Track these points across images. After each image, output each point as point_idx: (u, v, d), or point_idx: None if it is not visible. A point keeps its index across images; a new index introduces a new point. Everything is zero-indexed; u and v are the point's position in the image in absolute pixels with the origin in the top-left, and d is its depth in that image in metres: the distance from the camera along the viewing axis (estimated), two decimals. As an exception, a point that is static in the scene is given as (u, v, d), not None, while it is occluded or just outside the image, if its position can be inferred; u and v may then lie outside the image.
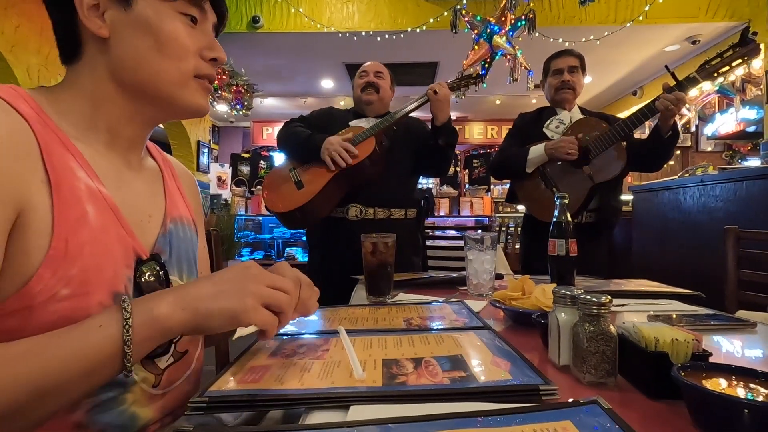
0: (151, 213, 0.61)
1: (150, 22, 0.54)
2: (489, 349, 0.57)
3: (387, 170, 1.64)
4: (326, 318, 0.81)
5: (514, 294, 0.81)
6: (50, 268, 0.45)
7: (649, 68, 5.09)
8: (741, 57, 1.37)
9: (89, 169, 0.52)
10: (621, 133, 1.56)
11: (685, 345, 0.47)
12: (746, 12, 3.75)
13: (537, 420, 0.38)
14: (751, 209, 2.17)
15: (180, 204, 0.68)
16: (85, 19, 0.52)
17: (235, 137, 8.26)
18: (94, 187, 0.52)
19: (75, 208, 0.49)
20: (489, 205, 6.18)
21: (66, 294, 0.46)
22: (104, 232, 0.51)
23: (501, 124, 7.19)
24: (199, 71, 0.58)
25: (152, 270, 0.56)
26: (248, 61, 4.72)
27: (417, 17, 3.99)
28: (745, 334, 0.72)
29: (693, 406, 0.40)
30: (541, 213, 1.74)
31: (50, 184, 0.47)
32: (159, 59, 0.55)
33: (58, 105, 0.54)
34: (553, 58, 1.85)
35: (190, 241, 0.67)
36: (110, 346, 0.43)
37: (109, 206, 0.53)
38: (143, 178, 0.62)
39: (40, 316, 0.45)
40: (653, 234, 2.88)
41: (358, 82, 1.77)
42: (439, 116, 1.60)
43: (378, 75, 1.76)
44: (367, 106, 1.74)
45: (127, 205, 0.56)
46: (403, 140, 1.70)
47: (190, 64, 0.57)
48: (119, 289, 0.51)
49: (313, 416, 0.42)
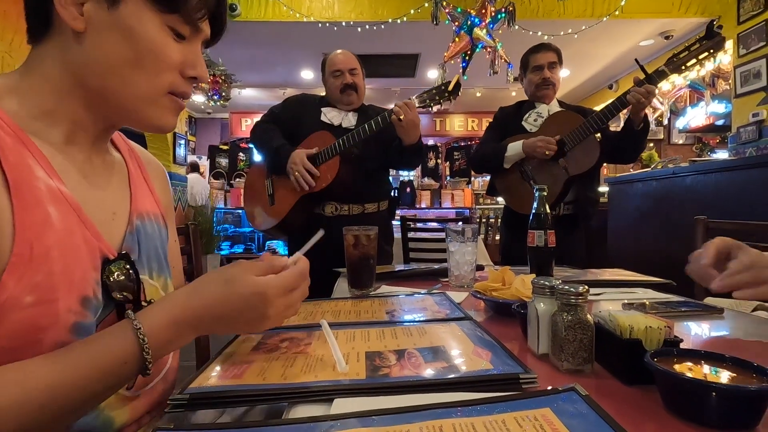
0: (115, 210, 0.57)
1: (133, 31, 0.50)
2: (470, 340, 0.58)
3: (358, 168, 1.62)
4: (309, 311, 0.80)
5: (494, 285, 0.82)
6: (14, 275, 0.43)
7: (625, 62, 5.19)
8: (707, 50, 1.42)
9: (48, 166, 0.49)
10: (594, 126, 1.60)
11: (658, 332, 0.48)
12: (717, 8, 3.86)
13: (517, 408, 0.39)
14: (720, 200, 2.26)
15: (146, 198, 0.64)
16: (60, 7, 0.48)
17: (213, 129, 8.07)
18: (54, 186, 0.48)
19: (37, 210, 0.45)
20: (470, 197, 6.25)
21: (31, 301, 0.43)
22: (69, 234, 0.48)
23: (481, 116, 7.24)
24: (174, 88, 0.54)
25: (121, 269, 0.54)
26: (225, 50, 4.60)
27: (398, 8, 3.96)
28: (714, 320, 0.75)
29: (664, 390, 0.42)
30: (520, 206, 1.77)
31: (8, 185, 0.44)
32: (131, 71, 0.51)
33: (14, 94, 0.50)
34: (531, 52, 1.87)
35: (159, 236, 0.64)
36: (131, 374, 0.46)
37: (72, 206, 0.49)
38: (106, 174, 0.59)
39: (4, 324, 0.42)
40: (628, 224, 2.97)
41: (333, 83, 1.69)
42: (405, 139, 1.52)
43: (353, 73, 1.68)
44: (347, 105, 1.71)
45: (89, 203, 0.52)
46: (373, 137, 1.62)
47: (165, 80, 0.53)
48: (87, 293, 0.48)
49: (296, 410, 0.42)
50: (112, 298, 0.52)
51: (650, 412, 0.41)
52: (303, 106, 1.75)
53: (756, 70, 3.42)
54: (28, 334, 0.44)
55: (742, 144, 3.54)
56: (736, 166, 2.27)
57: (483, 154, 1.88)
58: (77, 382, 0.42)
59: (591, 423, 0.36)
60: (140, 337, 0.45)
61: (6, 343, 0.43)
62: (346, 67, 1.68)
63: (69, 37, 0.50)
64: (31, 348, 0.44)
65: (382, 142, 1.66)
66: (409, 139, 1.52)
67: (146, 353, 0.45)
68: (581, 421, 0.36)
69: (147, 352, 0.45)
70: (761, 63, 3.37)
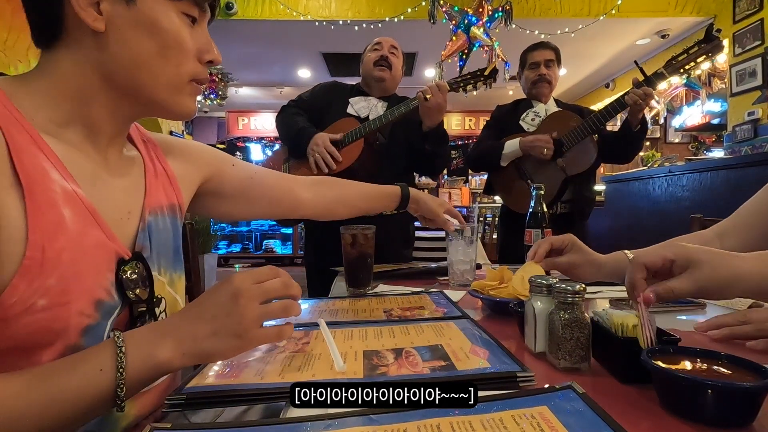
0: (130, 209, 0.57)
1: (156, 23, 0.50)
2: (468, 338, 0.58)
3: (380, 166, 1.55)
4: (306, 310, 0.80)
5: (491, 283, 0.82)
6: (26, 278, 0.42)
7: (622, 61, 5.21)
8: (705, 53, 1.43)
9: (63, 169, 0.48)
10: (593, 126, 1.61)
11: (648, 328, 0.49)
12: (712, 8, 3.88)
13: (515, 406, 0.39)
14: (716, 198, 2.27)
15: (161, 192, 0.63)
16: (81, 10, 0.47)
17: (210, 128, 8.04)
18: (70, 188, 0.48)
19: (50, 213, 0.45)
20: (467, 195, 6.26)
21: (43, 305, 0.43)
22: (83, 236, 0.48)
23: (479, 115, 7.25)
24: (196, 75, 0.56)
25: (134, 268, 0.53)
26: (222, 49, 4.46)
27: (395, 7, 3.96)
28: (696, 315, 0.78)
29: (661, 387, 0.42)
30: (517, 205, 1.78)
31: (22, 188, 0.43)
32: (161, 63, 0.52)
33: (29, 96, 0.49)
34: (529, 50, 1.87)
35: (170, 231, 0.63)
36: (108, 390, 0.42)
37: (87, 208, 0.49)
38: (122, 173, 0.58)
39: (15, 328, 0.42)
40: (624, 222, 2.98)
41: (370, 56, 1.62)
42: (425, 121, 1.46)
43: (392, 51, 1.64)
44: (378, 83, 1.61)
45: (105, 204, 0.52)
46: (400, 135, 1.58)
47: (189, 67, 0.54)
48: (101, 296, 0.48)
49: (294, 410, 0.42)
50: (127, 297, 0.52)
51: (647, 410, 0.42)
52: (333, 94, 1.68)
53: (751, 69, 3.44)
54: (40, 337, 0.43)
55: (737, 142, 3.56)
56: (732, 165, 2.29)
57: (480, 153, 1.88)
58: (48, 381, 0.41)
59: (588, 421, 0.36)
60: (116, 340, 0.44)
61: (17, 345, 0.43)
62: (388, 43, 1.65)
63: (88, 38, 0.49)
64: (42, 351, 0.44)
65: (408, 139, 1.57)
66: (430, 122, 1.46)
67: (120, 349, 0.43)
68: (578, 419, 0.36)
69: (121, 348, 0.43)
70: (756, 62, 3.39)
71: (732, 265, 0.48)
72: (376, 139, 1.55)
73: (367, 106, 1.62)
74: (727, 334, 0.59)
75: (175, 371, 0.45)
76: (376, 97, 1.64)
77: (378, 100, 1.63)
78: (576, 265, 0.83)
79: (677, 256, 0.49)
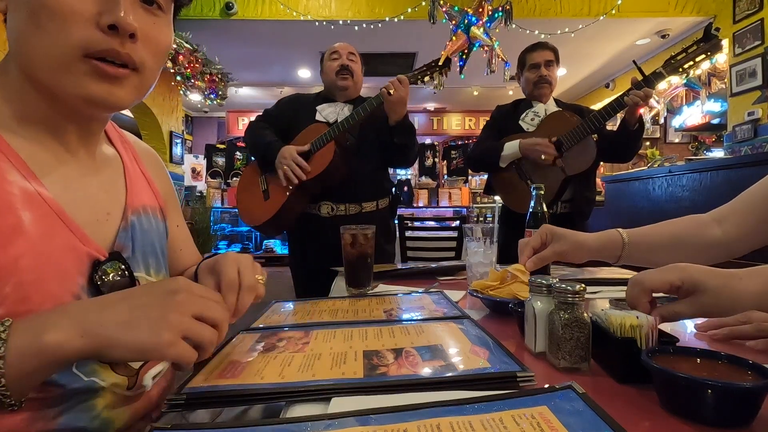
0: (109, 210, 0.54)
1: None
2: (467, 338, 0.58)
3: (355, 166, 1.59)
4: (306, 311, 0.80)
5: (491, 283, 0.82)
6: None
7: (622, 61, 5.21)
8: (704, 52, 1.43)
9: (25, 168, 0.45)
10: (591, 126, 1.61)
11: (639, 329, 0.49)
12: (712, 7, 3.88)
13: (515, 406, 0.39)
14: (716, 198, 2.27)
15: (144, 192, 0.62)
16: None
17: (210, 128, 8.05)
18: (32, 189, 0.45)
19: (5, 217, 0.42)
20: (467, 195, 6.26)
21: (1, 314, 0.40)
22: (46, 239, 0.44)
23: (478, 115, 7.25)
24: (90, 46, 0.44)
25: (116, 269, 0.51)
26: (222, 49, 4.58)
27: (395, 7, 3.96)
28: None
29: (661, 388, 0.42)
30: (517, 205, 1.78)
31: None
32: (35, 34, 0.43)
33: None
34: (528, 51, 1.87)
35: (156, 231, 0.62)
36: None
37: (53, 210, 0.46)
38: (99, 173, 0.55)
39: None
40: (624, 222, 2.98)
41: (330, 65, 1.68)
42: (391, 116, 1.54)
43: (351, 58, 1.69)
44: (342, 91, 1.68)
45: (77, 205, 0.49)
46: (370, 133, 1.64)
47: (74, 36, 0.43)
48: (68, 302, 0.45)
49: (294, 410, 0.42)
50: None
51: (647, 410, 0.42)
52: (297, 105, 1.74)
53: (751, 69, 3.44)
54: None
55: (737, 142, 3.56)
56: (732, 165, 2.29)
57: (479, 153, 1.89)
58: None
59: (588, 421, 0.36)
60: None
61: None
62: (345, 50, 1.69)
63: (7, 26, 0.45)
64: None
65: (378, 137, 1.63)
66: (396, 115, 1.53)
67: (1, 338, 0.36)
68: (578, 419, 0.36)
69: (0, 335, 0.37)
70: (756, 62, 3.39)
71: (734, 289, 0.52)
72: (346, 140, 1.59)
73: (335, 111, 1.67)
74: (727, 334, 0.60)
75: (71, 357, 0.38)
76: (342, 101, 1.70)
77: (344, 104, 1.69)
78: (563, 253, 0.81)
79: (684, 282, 0.53)
